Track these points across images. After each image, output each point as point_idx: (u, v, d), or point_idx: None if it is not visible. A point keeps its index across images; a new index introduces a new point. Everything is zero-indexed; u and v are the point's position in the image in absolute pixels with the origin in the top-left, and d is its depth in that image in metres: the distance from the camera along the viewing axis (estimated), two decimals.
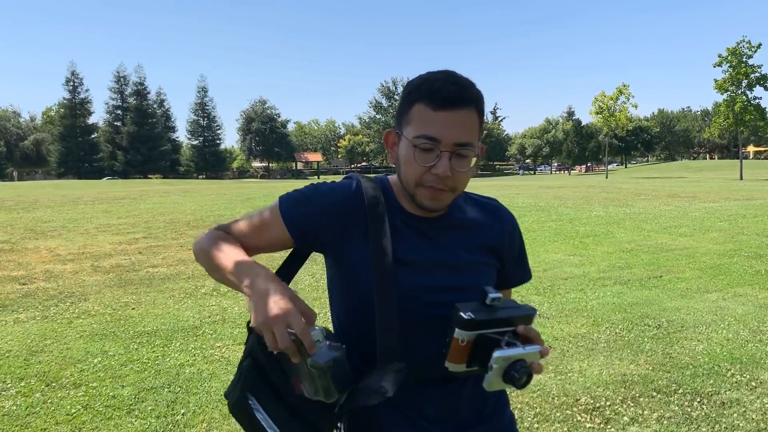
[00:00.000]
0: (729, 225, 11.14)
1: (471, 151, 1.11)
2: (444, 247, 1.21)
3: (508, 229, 1.31)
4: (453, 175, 1.10)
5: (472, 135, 1.11)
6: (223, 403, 3.45)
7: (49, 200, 18.07)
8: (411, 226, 1.21)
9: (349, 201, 1.19)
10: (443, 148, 1.09)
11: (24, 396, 3.60)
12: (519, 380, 0.99)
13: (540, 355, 1.03)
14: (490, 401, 1.28)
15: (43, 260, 8.14)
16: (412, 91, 1.13)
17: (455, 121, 1.08)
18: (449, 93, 1.08)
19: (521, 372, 0.99)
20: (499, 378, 1.01)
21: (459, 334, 1.03)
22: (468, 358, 1.05)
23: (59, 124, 73.35)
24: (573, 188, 23.92)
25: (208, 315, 5.38)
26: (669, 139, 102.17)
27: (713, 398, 3.48)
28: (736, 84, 36.57)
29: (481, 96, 1.14)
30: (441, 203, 1.15)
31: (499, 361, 1.00)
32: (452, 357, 1.06)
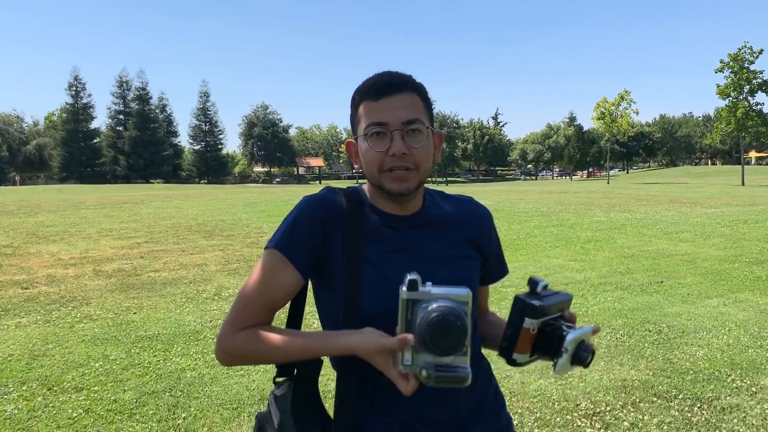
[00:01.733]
0: (730, 230, 11.14)
1: (421, 125, 1.16)
2: (424, 242, 1.22)
3: (485, 223, 1.34)
4: (411, 152, 1.15)
5: (418, 113, 1.17)
6: (224, 407, 3.47)
7: (51, 205, 18.11)
8: (391, 226, 1.22)
9: (329, 213, 1.21)
10: (393, 128, 1.14)
11: (26, 400, 3.61)
12: (586, 359, 1.04)
13: (593, 334, 1.08)
14: (487, 403, 1.28)
15: (45, 265, 8.16)
16: (355, 95, 1.21)
17: (397, 103, 1.15)
18: (384, 82, 1.16)
19: (587, 351, 1.04)
20: (569, 361, 1.04)
21: (529, 323, 1.06)
22: (532, 349, 1.09)
23: (62, 128, 73.45)
24: (574, 194, 23.93)
25: (209, 319, 5.39)
26: (671, 144, 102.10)
27: (713, 403, 3.48)
28: (738, 90, 36.56)
29: (421, 85, 1.22)
30: (407, 184, 1.17)
31: (572, 344, 1.04)
32: (521, 347, 1.08)
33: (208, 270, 7.77)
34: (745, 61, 36.01)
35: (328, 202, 1.22)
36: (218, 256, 8.79)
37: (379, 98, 1.15)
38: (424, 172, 1.18)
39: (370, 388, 1.20)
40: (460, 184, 67.31)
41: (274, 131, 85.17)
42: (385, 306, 1.13)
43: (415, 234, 1.23)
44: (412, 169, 1.16)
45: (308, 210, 1.21)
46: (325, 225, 1.19)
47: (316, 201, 1.22)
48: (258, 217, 14.24)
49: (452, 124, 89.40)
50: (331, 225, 1.19)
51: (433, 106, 1.26)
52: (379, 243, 1.20)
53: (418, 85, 1.20)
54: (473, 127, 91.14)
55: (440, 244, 1.23)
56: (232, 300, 6.06)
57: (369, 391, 1.20)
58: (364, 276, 1.16)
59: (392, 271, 1.17)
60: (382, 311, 1.14)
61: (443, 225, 1.26)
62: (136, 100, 75.75)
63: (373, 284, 1.17)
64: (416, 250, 1.21)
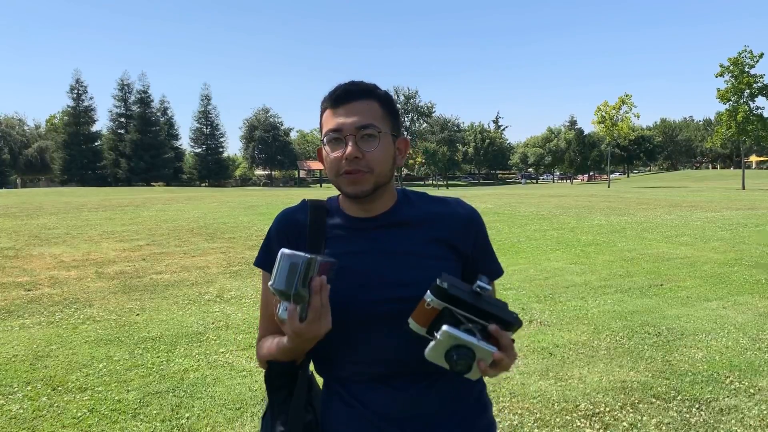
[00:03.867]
0: (730, 234, 11.17)
1: (375, 131, 1.19)
2: (387, 242, 1.24)
3: (462, 222, 1.30)
4: (365, 156, 1.18)
5: (373, 118, 1.20)
6: (227, 408, 3.50)
7: (53, 207, 18.17)
8: (355, 228, 1.26)
9: (296, 221, 1.30)
10: (346, 133, 1.18)
11: (31, 400, 3.65)
12: (455, 364, 1.00)
13: (492, 358, 1.01)
14: (464, 404, 1.28)
15: (48, 267, 8.20)
16: (321, 104, 1.26)
17: (352, 110, 1.20)
18: (342, 90, 1.22)
19: (461, 358, 1.00)
20: (441, 354, 1.01)
21: (428, 296, 1.04)
22: (430, 325, 1.05)
23: (63, 131, 73.49)
24: (575, 197, 23.97)
25: (211, 321, 5.43)
26: (671, 148, 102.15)
27: (712, 405, 3.51)
28: (738, 94, 36.61)
29: (384, 92, 1.26)
30: (362, 186, 1.19)
31: (444, 336, 1.00)
32: (416, 315, 1.06)
33: (210, 272, 7.80)
34: (746, 65, 36.05)
35: (290, 216, 1.32)
36: (220, 259, 8.83)
37: (338, 106, 1.20)
38: (379, 175, 1.20)
39: (339, 386, 1.25)
40: (461, 187, 67.31)
41: (275, 134, 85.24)
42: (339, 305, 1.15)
43: (380, 234, 1.25)
44: (366, 171, 1.18)
45: (276, 226, 1.32)
46: (290, 237, 1.28)
47: (282, 217, 1.33)
48: (259, 219, 14.29)
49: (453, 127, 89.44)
50: (296, 236, 1.27)
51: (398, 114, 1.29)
52: (340, 245, 1.25)
53: (379, 94, 1.24)
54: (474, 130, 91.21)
55: (405, 243, 1.24)
56: (233, 302, 6.12)
57: (338, 389, 1.25)
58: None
59: (350, 271, 1.20)
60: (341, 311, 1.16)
61: (412, 225, 1.27)
62: (138, 103, 75.80)
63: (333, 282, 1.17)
64: (378, 249, 1.23)
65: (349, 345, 1.20)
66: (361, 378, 1.22)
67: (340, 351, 1.22)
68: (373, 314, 1.18)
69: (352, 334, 1.19)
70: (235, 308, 5.88)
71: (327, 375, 1.28)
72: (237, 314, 5.65)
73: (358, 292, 1.19)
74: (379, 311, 1.18)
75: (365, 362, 1.21)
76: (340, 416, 1.23)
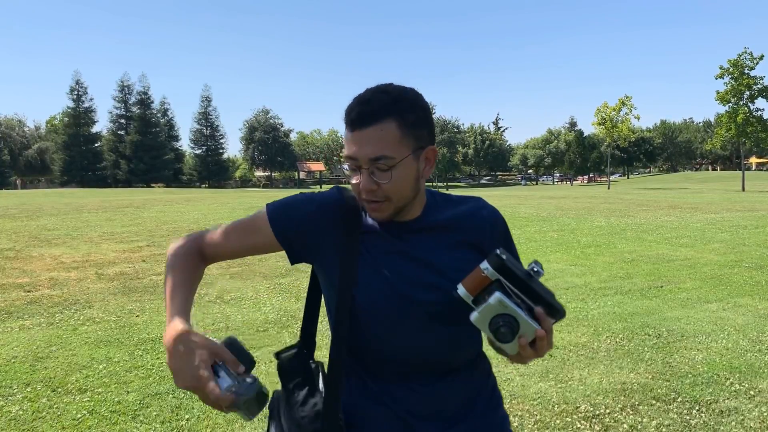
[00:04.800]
0: (730, 236, 11.17)
1: (387, 164, 1.14)
2: (421, 247, 1.25)
3: (487, 223, 1.31)
4: (380, 187, 1.16)
5: (387, 147, 1.14)
6: None
7: (53, 208, 18.16)
8: (387, 230, 1.26)
9: (330, 209, 1.27)
10: (360, 164, 1.16)
11: (30, 401, 3.64)
12: (501, 331, 1.01)
13: (534, 335, 1.04)
14: (482, 399, 1.31)
15: (48, 268, 8.20)
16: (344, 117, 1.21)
17: (366, 138, 1.14)
18: (355, 114, 1.15)
19: (506, 326, 1.01)
20: (487, 320, 1.02)
21: (484, 265, 1.05)
22: (478, 294, 1.06)
23: (63, 132, 73.54)
24: (575, 199, 23.97)
25: (211, 323, 5.42)
26: (671, 150, 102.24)
27: (712, 407, 3.51)
28: (738, 96, 36.63)
29: (402, 104, 1.16)
30: (383, 213, 1.20)
31: (496, 301, 1.01)
32: (467, 281, 1.07)
33: (210, 273, 7.79)
34: (745, 67, 36.08)
35: (333, 202, 1.28)
36: None
37: (353, 130, 1.16)
38: (399, 201, 1.19)
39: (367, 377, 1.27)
40: (461, 189, 67.31)
41: (275, 136, 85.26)
42: (377, 300, 1.20)
43: (413, 238, 1.26)
44: (383, 201, 1.18)
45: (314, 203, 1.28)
46: (323, 222, 1.26)
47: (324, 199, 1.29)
48: None
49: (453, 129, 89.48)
50: (330, 224, 1.26)
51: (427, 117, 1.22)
52: (376, 242, 1.25)
53: (396, 109, 1.16)
54: (474, 132, 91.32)
55: (438, 248, 1.25)
56: (233, 303, 6.11)
57: (365, 379, 1.27)
58: (358, 269, 1.22)
59: (387, 268, 1.22)
60: (373, 304, 1.20)
61: (441, 229, 1.27)
62: (138, 105, 75.86)
63: (366, 276, 1.22)
64: (413, 253, 1.24)
65: (378, 342, 1.22)
66: (388, 374, 1.24)
67: (371, 346, 1.24)
68: (403, 315, 1.20)
69: (381, 332, 1.21)
70: (235, 310, 5.88)
71: (353, 363, 1.29)
72: (237, 316, 5.65)
73: (394, 290, 1.21)
74: (408, 312, 1.20)
75: (392, 360, 1.23)
76: (368, 410, 1.25)
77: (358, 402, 1.26)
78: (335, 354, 1.22)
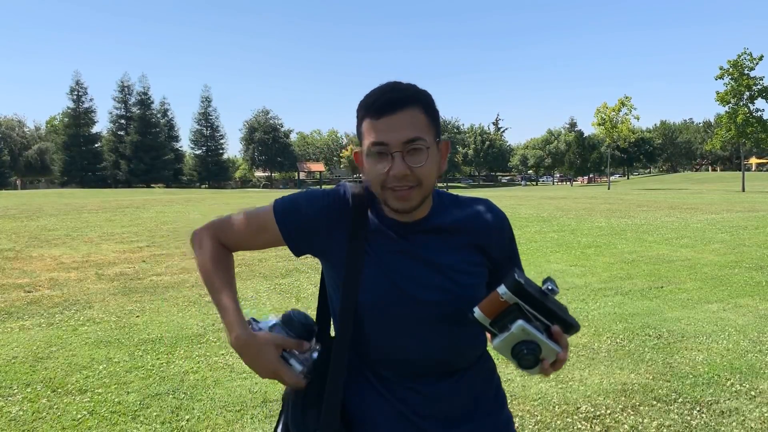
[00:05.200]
0: (730, 236, 11.16)
1: (422, 144, 1.16)
2: (427, 248, 1.25)
3: (495, 227, 1.31)
4: (413, 172, 1.16)
5: (419, 130, 1.16)
6: (227, 410, 3.49)
7: (53, 209, 18.16)
8: (393, 230, 1.26)
9: (336, 207, 1.28)
10: (393, 150, 1.15)
11: (30, 402, 3.64)
12: (524, 358, 1.02)
13: (555, 356, 1.05)
14: (487, 399, 1.31)
15: (48, 268, 8.20)
16: (358, 110, 1.21)
17: (397, 123, 1.15)
18: (385, 101, 1.16)
19: (530, 353, 1.02)
20: (509, 347, 1.02)
21: (502, 290, 1.04)
22: (495, 317, 1.06)
23: (63, 133, 73.52)
24: (575, 199, 23.97)
25: (211, 323, 5.42)
26: (671, 150, 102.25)
27: (713, 407, 3.50)
28: (738, 96, 36.57)
29: (424, 94, 1.21)
30: (411, 202, 1.19)
31: (519, 330, 1.01)
32: (485, 306, 1.07)
33: None
34: (745, 67, 36.03)
35: (338, 200, 1.29)
36: None
37: (381, 117, 1.15)
38: (427, 187, 1.19)
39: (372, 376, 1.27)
40: (461, 189, 67.30)
41: (275, 136, 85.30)
42: (381, 298, 1.20)
43: (419, 239, 1.25)
44: (415, 186, 1.17)
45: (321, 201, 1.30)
46: (329, 219, 1.27)
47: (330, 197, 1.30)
48: None
49: (453, 129, 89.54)
50: (336, 222, 1.26)
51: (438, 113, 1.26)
52: (382, 242, 1.25)
53: (422, 98, 1.19)
54: (474, 132, 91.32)
55: (444, 250, 1.25)
56: None
57: (371, 379, 1.26)
58: (363, 267, 1.22)
59: (392, 269, 1.22)
60: (378, 305, 1.20)
61: (448, 231, 1.27)
62: (138, 105, 75.86)
63: (372, 276, 1.21)
64: (418, 254, 1.24)
65: (383, 342, 1.22)
66: (394, 374, 1.24)
67: (377, 346, 1.24)
68: (410, 315, 1.20)
69: (388, 331, 1.22)
70: None
71: (360, 363, 1.28)
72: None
73: (399, 291, 1.21)
74: (413, 313, 1.20)
75: (397, 360, 1.23)
76: (372, 409, 1.25)
77: (364, 401, 1.26)
78: (338, 355, 1.22)
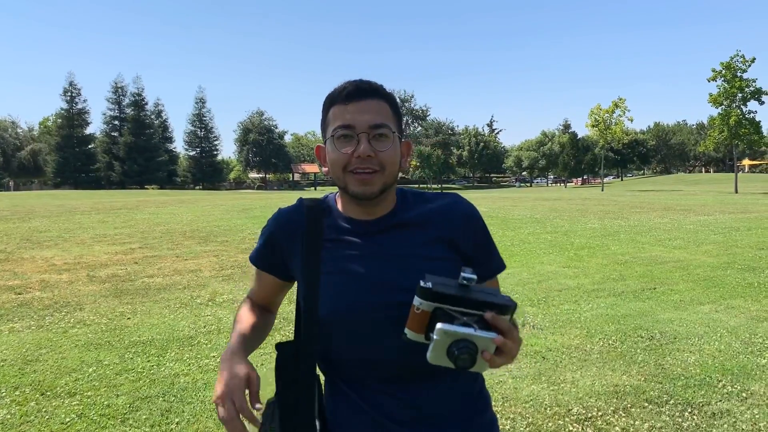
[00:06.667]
0: (723, 238, 11.20)
1: (388, 131, 1.19)
2: (390, 246, 1.23)
3: (462, 219, 1.28)
4: (377, 155, 1.17)
5: (386, 118, 1.20)
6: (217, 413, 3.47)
7: (45, 210, 18.06)
8: (357, 232, 1.24)
9: (290, 222, 1.29)
10: (359, 131, 1.17)
11: (18, 405, 3.61)
12: (457, 358, 0.96)
13: (494, 344, 0.98)
14: (468, 401, 1.28)
15: (39, 270, 8.14)
16: (325, 101, 1.24)
17: (365, 108, 1.18)
18: (354, 87, 1.20)
19: (462, 351, 0.96)
20: (442, 353, 0.97)
21: (416, 300, 1.01)
22: (426, 330, 1.02)
23: (56, 134, 73.22)
24: (569, 201, 24.02)
25: (203, 325, 5.39)
26: (665, 152, 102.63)
27: (704, 409, 3.50)
28: (731, 98, 36.75)
29: (391, 95, 1.26)
30: (372, 187, 1.19)
31: (440, 334, 0.96)
32: (410, 323, 1.03)
33: (203, 276, 7.76)
34: (738, 69, 36.20)
35: (286, 217, 1.32)
36: (213, 262, 8.79)
37: (349, 102, 1.19)
38: (389, 176, 1.20)
39: (345, 386, 1.24)
40: (456, 191, 67.38)
41: (270, 137, 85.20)
42: (343, 309, 1.18)
43: (383, 237, 1.24)
44: (377, 171, 1.18)
45: (271, 227, 1.33)
46: (284, 237, 1.29)
47: (278, 217, 1.33)
48: (253, 222, 14.23)
49: (447, 131, 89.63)
50: (290, 236, 1.28)
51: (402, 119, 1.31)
52: (341, 249, 1.23)
53: (387, 95, 1.24)
54: (468, 134, 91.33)
55: (407, 245, 1.23)
56: (225, 305, 6.09)
57: (344, 389, 1.24)
58: (319, 281, 1.21)
59: (354, 275, 1.20)
60: (339, 313, 1.18)
61: (413, 226, 1.25)
62: (132, 106, 75.60)
63: (331, 288, 1.20)
64: (383, 253, 1.22)
65: (353, 349, 1.20)
66: (367, 381, 1.21)
67: (345, 354, 1.21)
68: (377, 318, 1.17)
69: (356, 338, 1.19)
70: (227, 312, 5.85)
71: (332, 375, 1.27)
72: (229, 318, 5.62)
73: (362, 296, 1.18)
74: (382, 315, 1.17)
75: (370, 366, 1.20)
76: (348, 418, 1.23)
77: (339, 412, 1.24)
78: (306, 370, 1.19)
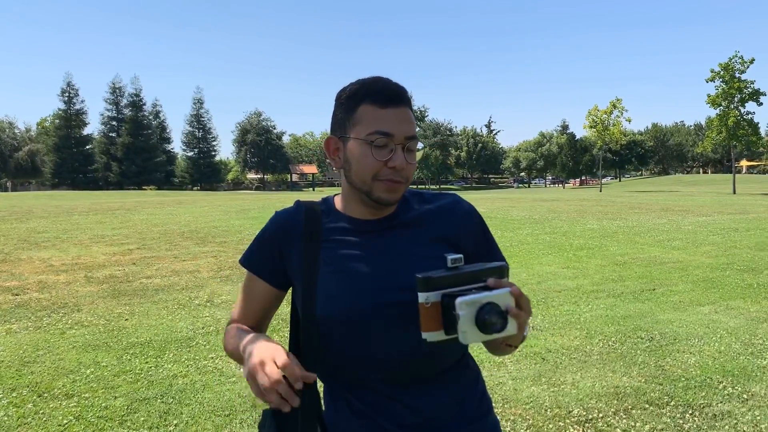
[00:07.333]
0: (721, 239, 11.20)
1: (416, 146, 1.19)
2: (392, 245, 1.22)
3: (462, 218, 1.28)
4: (407, 168, 1.16)
5: (415, 130, 1.19)
6: (216, 414, 3.45)
7: (43, 211, 18.02)
8: (360, 231, 1.23)
9: (288, 223, 1.26)
10: (397, 142, 1.14)
11: (16, 407, 3.58)
12: (492, 323, 0.94)
13: (512, 295, 0.96)
14: (470, 407, 1.26)
15: (37, 271, 8.11)
16: (353, 95, 1.18)
17: (402, 116, 1.16)
18: (392, 92, 1.16)
19: (491, 314, 0.93)
20: (473, 326, 0.94)
21: (421, 296, 0.99)
22: (443, 324, 0.99)
23: (54, 134, 73.21)
24: (567, 201, 24.02)
25: (201, 326, 5.37)
26: (663, 153, 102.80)
27: (705, 410, 3.49)
28: (729, 99, 36.82)
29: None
30: (397, 194, 1.18)
31: (463, 307, 0.93)
32: (425, 325, 1.00)
33: (201, 276, 7.74)
34: (736, 70, 36.28)
35: (285, 219, 1.28)
36: (211, 263, 8.77)
37: (386, 106, 1.14)
38: (408, 184, 1.21)
39: (345, 391, 1.21)
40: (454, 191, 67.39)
41: (268, 138, 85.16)
42: (339, 308, 1.16)
43: (384, 237, 1.22)
44: (404, 182, 1.17)
45: (269, 229, 1.29)
46: (282, 240, 1.25)
47: (276, 219, 1.29)
48: (251, 223, 14.21)
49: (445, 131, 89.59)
50: (289, 237, 1.25)
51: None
52: (341, 248, 1.21)
53: (410, 100, 1.23)
54: (466, 134, 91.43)
55: (408, 245, 1.22)
56: (224, 306, 6.07)
57: (344, 394, 1.21)
58: (317, 281, 1.19)
59: (354, 276, 1.18)
60: (338, 317, 1.16)
61: (414, 226, 1.25)
62: (130, 107, 75.62)
63: (329, 287, 1.18)
64: (382, 252, 1.20)
65: (354, 350, 1.17)
66: (368, 383, 1.19)
67: (345, 356, 1.18)
68: (378, 319, 1.15)
69: (356, 339, 1.16)
70: (225, 313, 5.83)
71: (332, 380, 1.24)
72: (227, 319, 5.59)
73: (362, 295, 1.16)
74: (383, 315, 1.15)
75: (370, 368, 1.17)
76: (348, 423, 1.20)
77: (341, 419, 1.21)
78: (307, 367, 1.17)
